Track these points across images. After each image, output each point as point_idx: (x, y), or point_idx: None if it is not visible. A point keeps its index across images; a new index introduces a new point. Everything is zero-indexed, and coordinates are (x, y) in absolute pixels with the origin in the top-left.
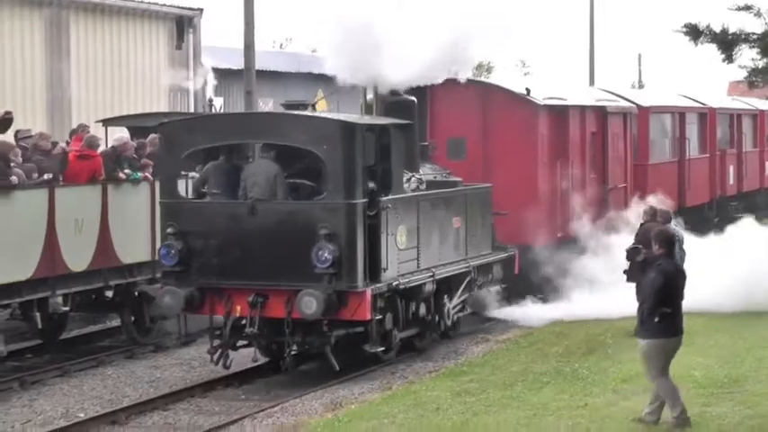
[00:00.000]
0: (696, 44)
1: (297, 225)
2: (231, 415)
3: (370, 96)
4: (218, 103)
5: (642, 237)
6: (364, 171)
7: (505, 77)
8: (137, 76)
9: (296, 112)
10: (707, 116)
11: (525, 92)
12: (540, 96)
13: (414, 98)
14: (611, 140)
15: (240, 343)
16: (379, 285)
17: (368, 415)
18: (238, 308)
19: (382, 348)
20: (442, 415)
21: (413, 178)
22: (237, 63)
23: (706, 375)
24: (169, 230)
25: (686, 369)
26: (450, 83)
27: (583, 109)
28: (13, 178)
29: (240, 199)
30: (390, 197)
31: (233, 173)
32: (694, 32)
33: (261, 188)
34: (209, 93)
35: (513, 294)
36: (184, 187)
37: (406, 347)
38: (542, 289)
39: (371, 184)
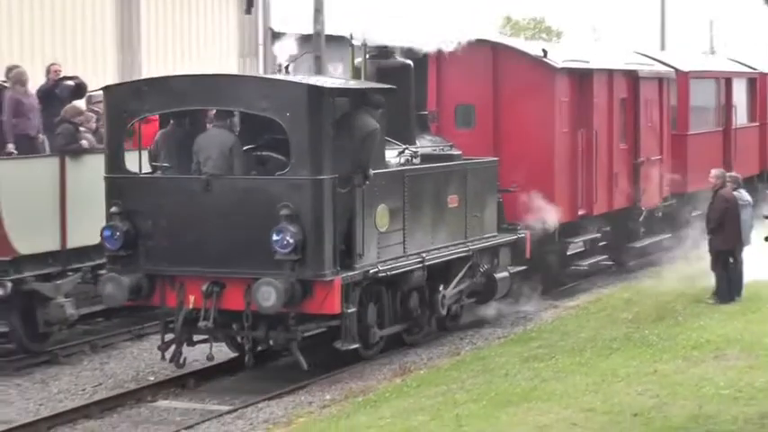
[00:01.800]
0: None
1: (256, 204)
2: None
3: (358, 60)
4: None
5: (720, 207)
6: (335, 142)
7: (573, 43)
8: (206, 40)
9: (256, 75)
10: (756, 81)
11: (542, 53)
12: (558, 58)
13: (409, 61)
14: (644, 108)
15: (197, 338)
16: (352, 273)
17: (436, 380)
18: (192, 298)
19: (358, 345)
20: (510, 381)
21: (406, 151)
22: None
23: (756, 340)
24: (113, 209)
25: (754, 335)
26: (460, 44)
27: (610, 73)
28: (84, 142)
29: (193, 174)
30: (378, 171)
31: (186, 142)
32: None
33: (214, 162)
34: (281, 58)
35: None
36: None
37: (396, 342)
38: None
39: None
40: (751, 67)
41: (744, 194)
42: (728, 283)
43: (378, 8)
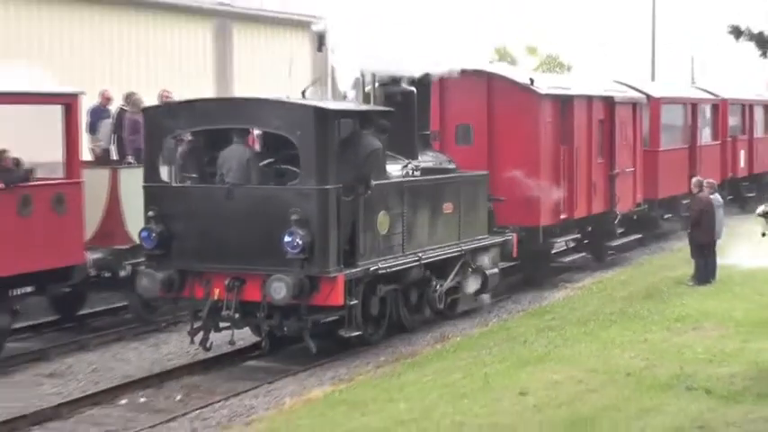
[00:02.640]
0: (737, 41)
1: (270, 210)
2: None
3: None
4: (351, 95)
5: (698, 207)
6: (340, 157)
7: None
8: (285, 71)
9: (271, 98)
10: (719, 106)
11: (529, 81)
12: (543, 86)
13: (413, 88)
14: (619, 128)
15: (223, 324)
16: (354, 270)
17: (469, 346)
18: (216, 291)
19: (359, 332)
20: (528, 347)
21: (409, 165)
22: None
23: (745, 317)
24: (150, 214)
25: (727, 311)
26: (459, 72)
27: (589, 98)
28: None
29: (217, 183)
30: (377, 183)
31: (209, 156)
32: (737, 32)
33: (235, 173)
34: (345, 88)
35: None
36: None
37: (396, 328)
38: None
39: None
40: (714, 94)
41: (718, 197)
42: (705, 269)
43: (388, 41)
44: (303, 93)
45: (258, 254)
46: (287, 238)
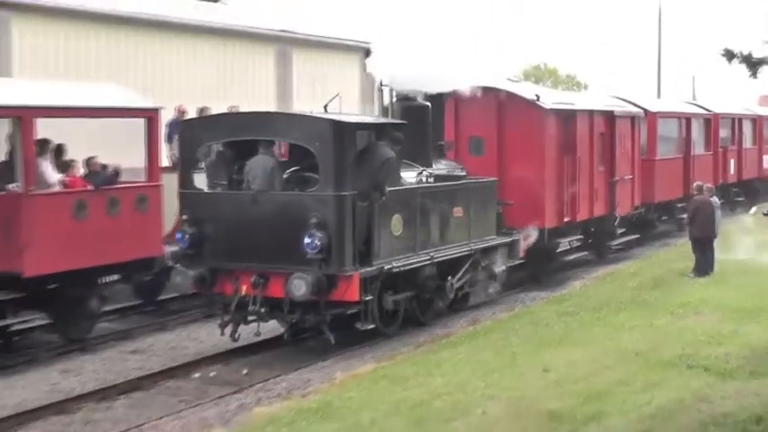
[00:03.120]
0: (729, 63)
1: (292, 214)
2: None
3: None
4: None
5: (693, 206)
6: (352, 166)
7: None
8: (337, 89)
9: (293, 112)
10: (711, 120)
11: (535, 98)
12: (548, 101)
13: (427, 103)
14: (619, 140)
15: (250, 318)
16: (369, 269)
17: (498, 328)
18: (244, 287)
19: (374, 325)
20: (549, 329)
21: (423, 172)
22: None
23: (739, 304)
24: (184, 217)
25: (723, 299)
26: (472, 89)
27: (591, 113)
28: None
29: (244, 189)
30: (390, 189)
31: (235, 165)
32: (729, 55)
33: (260, 180)
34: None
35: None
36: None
37: (410, 321)
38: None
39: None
40: (707, 110)
41: (716, 200)
42: (704, 262)
43: (418, 61)
44: (325, 107)
45: (281, 254)
46: (307, 240)
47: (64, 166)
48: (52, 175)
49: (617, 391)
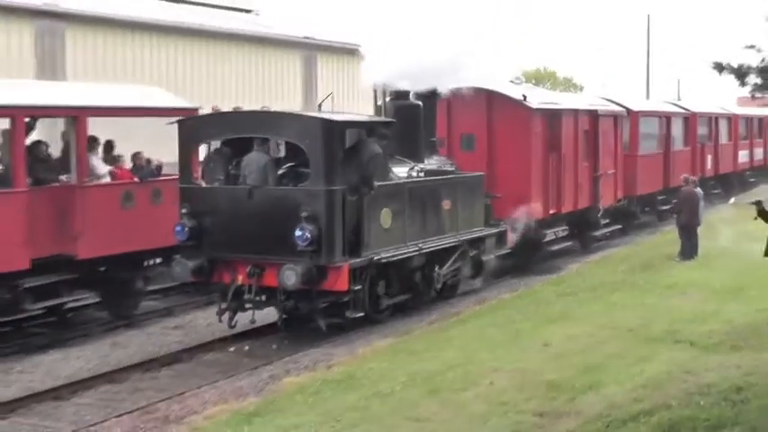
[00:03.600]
0: (720, 74)
1: (284, 208)
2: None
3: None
4: None
5: (681, 197)
6: (341, 162)
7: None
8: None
9: (286, 111)
10: (689, 119)
11: (522, 98)
12: (534, 101)
13: (419, 102)
14: (602, 137)
15: (248, 306)
16: (358, 260)
17: (502, 307)
18: (240, 277)
19: (362, 314)
20: (550, 308)
21: (415, 167)
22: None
23: (721, 285)
24: (183, 210)
25: (707, 281)
26: (464, 89)
27: (576, 112)
28: None
29: (240, 184)
30: (379, 184)
31: (231, 160)
32: (719, 68)
33: (254, 176)
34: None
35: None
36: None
37: (400, 308)
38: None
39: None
40: (686, 109)
41: (699, 191)
42: (689, 247)
43: (406, 59)
44: (319, 106)
45: (274, 245)
46: (298, 232)
47: (112, 160)
48: (102, 168)
49: (611, 363)
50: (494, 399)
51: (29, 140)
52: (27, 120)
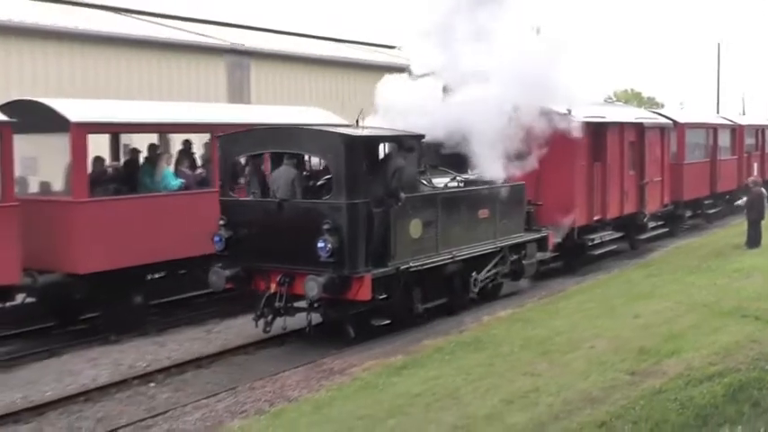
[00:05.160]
0: None
1: (310, 220)
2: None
3: None
4: None
5: (750, 193)
6: (364, 176)
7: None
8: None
9: (310, 127)
10: (737, 130)
11: (567, 112)
12: (579, 115)
13: None
14: (648, 147)
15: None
16: (384, 270)
17: (600, 286)
18: (273, 285)
19: (389, 321)
20: (639, 287)
21: (456, 178)
22: None
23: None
24: (221, 222)
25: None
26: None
27: (621, 125)
28: None
29: (271, 198)
30: (406, 196)
31: (263, 175)
32: None
33: (283, 189)
34: None
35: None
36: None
37: (440, 311)
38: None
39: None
40: (733, 122)
41: (764, 191)
42: (755, 238)
43: None
44: (357, 121)
45: (301, 256)
46: (320, 244)
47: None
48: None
49: (690, 333)
50: (594, 360)
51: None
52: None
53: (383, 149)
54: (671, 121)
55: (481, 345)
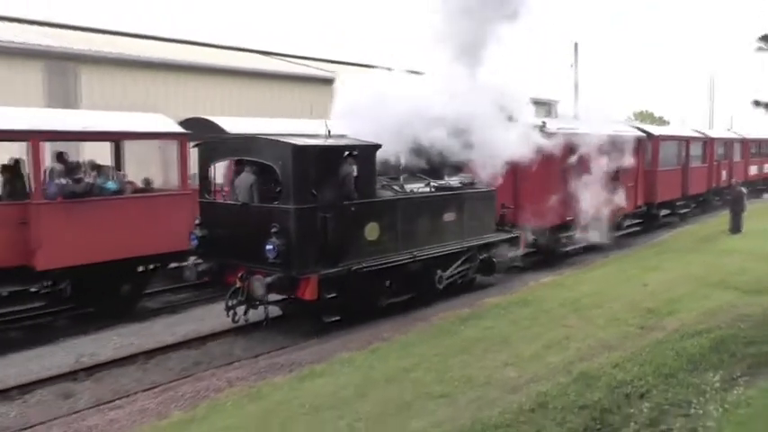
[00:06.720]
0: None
1: (263, 223)
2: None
3: None
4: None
5: (733, 193)
6: (313, 182)
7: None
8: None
9: (264, 136)
10: (707, 143)
11: (541, 124)
12: (553, 127)
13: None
14: (622, 156)
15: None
16: (334, 270)
17: (618, 261)
18: (237, 281)
19: (338, 318)
20: (649, 261)
21: (430, 183)
22: None
23: (757, 251)
24: (197, 222)
25: (747, 248)
26: None
27: (592, 136)
28: None
29: (235, 201)
30: (355, 202)
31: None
32: (756, 104)
33: (243, 194)
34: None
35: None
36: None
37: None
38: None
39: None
40: (705, 135)
41: (743, 189)
42: (737, 225)
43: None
44: (329, 132)
45: (258, 255)
46: (268, 246)
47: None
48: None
49: (685, 298)
50: (612, 316)
51: None
52: None
53: (337, 157)
54: (645, 134)
55: (527, 303)
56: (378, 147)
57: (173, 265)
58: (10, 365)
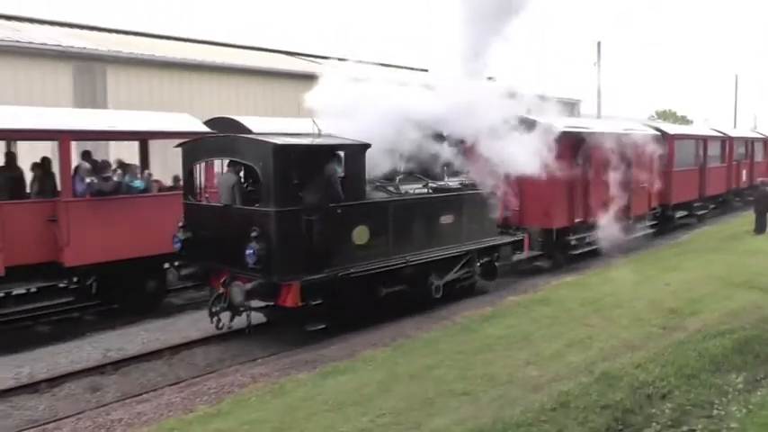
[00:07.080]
0: None
1: (244, 226)
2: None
3: None
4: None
5: (757, 193)
6: (296, 184)
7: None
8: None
9: (246, 135)
10: (727, 141)
11: (549, 122)
12: (560, 125)
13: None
14: (636, 156)
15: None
16: (317, 276)
17: (639, 262)
18: (220, 286)
19: (323, 326)
20: (669, 262)
21: (428, 185)
22: None
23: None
24: (180, 224)
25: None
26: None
27: (604, 135)
28: None
29: (218, 203)
30: (342, 204)
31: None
32: None
33: (225, 195)
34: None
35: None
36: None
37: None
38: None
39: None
40: (724, 133)
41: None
42: (761, 225)
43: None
44: (319, 131)
45: (240, 260)
46: (248, 251)
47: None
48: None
49: (707, 299)
50: (634, 316)
51: None
52: None
53: (322, 158)
54: (660, 133)
55: (549, 302)
56: (367, 146)
57: None
58: (39, 359)
